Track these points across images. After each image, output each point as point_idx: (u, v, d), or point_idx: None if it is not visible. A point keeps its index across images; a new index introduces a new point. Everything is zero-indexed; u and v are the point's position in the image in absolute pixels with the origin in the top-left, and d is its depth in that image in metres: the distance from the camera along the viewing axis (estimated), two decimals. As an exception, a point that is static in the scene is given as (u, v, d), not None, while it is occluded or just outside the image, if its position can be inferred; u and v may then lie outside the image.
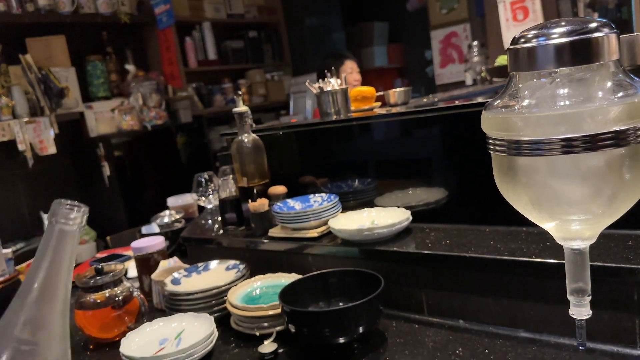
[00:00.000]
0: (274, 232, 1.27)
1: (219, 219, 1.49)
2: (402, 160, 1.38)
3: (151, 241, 1.35)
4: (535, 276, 0.89)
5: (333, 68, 1.65)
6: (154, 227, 1.74)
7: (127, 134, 3.39)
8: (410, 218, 1.15)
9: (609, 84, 0.48)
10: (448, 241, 1.05)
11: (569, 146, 0.47)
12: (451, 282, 1.00)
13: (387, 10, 5.10)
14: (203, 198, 1.69)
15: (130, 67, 3.59)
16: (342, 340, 0.91)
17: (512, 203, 0.55)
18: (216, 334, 1.00)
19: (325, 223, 1.21)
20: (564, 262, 0.56)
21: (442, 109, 1.19)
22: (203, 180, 1.70)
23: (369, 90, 1.71)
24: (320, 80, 1.60)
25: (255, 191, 1.34)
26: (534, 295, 0.90)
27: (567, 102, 0.48)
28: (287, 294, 0.99)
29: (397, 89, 1.86)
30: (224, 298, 1.11)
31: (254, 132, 1.42)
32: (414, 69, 5.16)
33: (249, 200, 1.32)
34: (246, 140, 1.35)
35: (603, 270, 0.81)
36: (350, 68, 3.00)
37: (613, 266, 0.80)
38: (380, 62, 5.03)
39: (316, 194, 1.33)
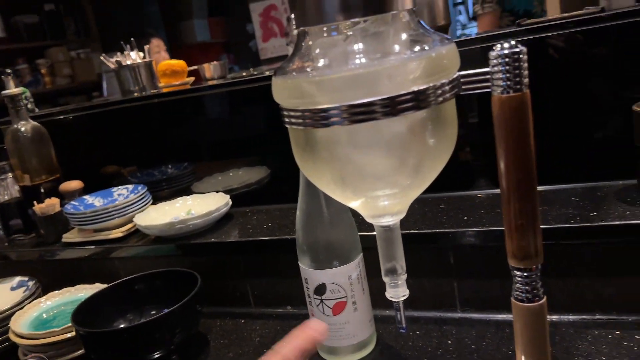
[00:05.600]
0: (69, 236, 1.07)
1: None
2: (221, 139, 1.27)
3: None
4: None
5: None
6: None
7: None
8: (230, 203, 1.04)
9: (404, 36, 0.41)
10: (270, 224, 0.97)
11: (367, 112, 0.40)
12: (275, 268, 0.93)
13: (205, -19, 4.83)
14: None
15: None
16: (156, 355, 0.78)
17: (314, 181, 0.48)
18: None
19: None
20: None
21: (253, 80, 1.10)
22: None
23: (179, 63, 1.53)
24: (119, 53, 1.40)
25: (42, 190, 1.11)
26: (359, 271, 0.86)
27: (362, 61, 0.41)
28: (84, 311, 0.82)
29: (213, 63, 1.72)
30: (7, 327, 0.90)
31: (34, 118, 1.17)
32: (237, 43, 5.00)
33: (35, 202, 1.09)
34: (23, 128, 1.11)
35: (419, 238, 0.79)
36: (157, 47, 2.76)
37: (428, 232, 0.79)
38: (202, 37, 4.76)
39: (121, 186, 1.15)
